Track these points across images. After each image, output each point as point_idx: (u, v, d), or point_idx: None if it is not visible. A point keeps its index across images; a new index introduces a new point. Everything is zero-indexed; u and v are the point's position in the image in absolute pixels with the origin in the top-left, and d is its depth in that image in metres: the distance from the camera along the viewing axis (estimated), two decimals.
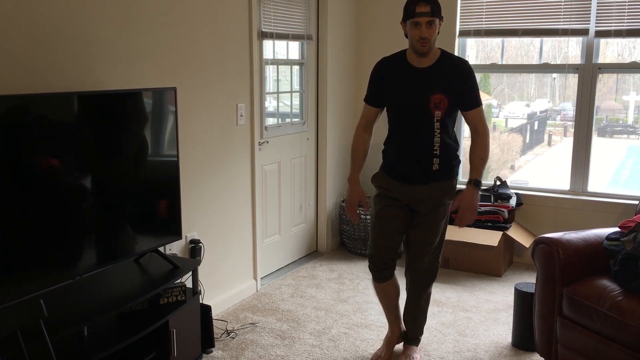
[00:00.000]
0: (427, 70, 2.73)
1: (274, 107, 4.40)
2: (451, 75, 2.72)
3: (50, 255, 2.34)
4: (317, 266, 4.55)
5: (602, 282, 2.76)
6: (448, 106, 2.71)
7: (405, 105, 2.76)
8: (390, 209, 2.89)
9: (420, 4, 2.60)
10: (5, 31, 2.35)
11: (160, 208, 2.91)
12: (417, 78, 2.73)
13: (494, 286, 4.15)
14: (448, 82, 2.71)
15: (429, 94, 2.70)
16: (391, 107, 2.84)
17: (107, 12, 2.79)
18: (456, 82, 2.72)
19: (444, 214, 2.89)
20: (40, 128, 2.28)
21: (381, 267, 2.95)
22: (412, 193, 2.85)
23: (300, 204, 4.66)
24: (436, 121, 2.72)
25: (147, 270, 2.87)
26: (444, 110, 2.71)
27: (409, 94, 2.74)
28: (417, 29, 2.62)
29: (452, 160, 2.84)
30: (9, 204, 2.15)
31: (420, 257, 2.92)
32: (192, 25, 3.31)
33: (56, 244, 2.36)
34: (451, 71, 2.73)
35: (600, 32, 4.25)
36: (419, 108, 2.72)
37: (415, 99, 2.72)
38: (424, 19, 2.61)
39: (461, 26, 4.68)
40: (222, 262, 3.71)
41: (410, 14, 2.63)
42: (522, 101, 5.41)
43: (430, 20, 2.62)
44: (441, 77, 2.71)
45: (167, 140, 2.90)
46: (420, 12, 2.60)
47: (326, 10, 4.55)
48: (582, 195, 4.46)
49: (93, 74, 2.74)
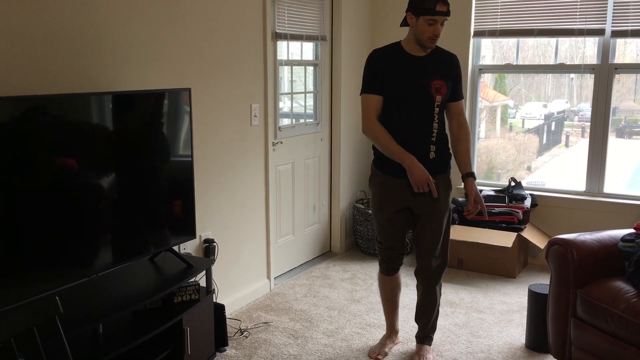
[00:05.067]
0: (426, 58, 2.80)
1: (288, 107, 4.42)
2: (447, 64, 2.84)
3: (67, 254, 2.38)
4: (330, 266, 4.56)
5: (617, 283, 2.73)
6: (446, 92, 2.80)
7: (409, 92, 2.78)
8: (394, 216, 2.93)
9: (439, 3, 2.64)
10: (21, 33, 2.39)
11: (175, 207, 2.94)
12: (418, 65, 2.79)
13: (508, 287, 4.13)
14: (446, 69, 2.82)
15: (429, 80, 2.76)
16: (391, 95, 2.79)
17: (123, 14, 2.83)
18: (451, 72, 2.84)
19: (445, 208, 2.91)
20: (57, 128, 2.31)
21: (392, 260, 3.05)
22: (411, 189, 2.79)
23: (314, 204, 4.67)
24: (436, 106, 2.79)
25: (161, 268, 2.90)
26: (444, 96, 2.79)
27: (411, 80, 2.78)
28: (432, 26, 2.68)
29: (446, 150, 2.90)
30: (28, 203, 2.19)
31: (429, 254, 2.96)
32: (206, 26, 3.33)
33: (73, 242, 2.39)
34: (446, 61, 2.85)
35: (617, 32, 4.21)
36: (421, 93, 2.77)
37: (417, 84, 2.77)
38: (441, 18, 2.67)
39: (476, 26, 4.67)
40: (235, 261, 3.73)
41: (428, 11, 2.65)
42: (539, 102, 5.37)
43: (445, 19, 2.70)
44: (439, 65, 2.81)
45: (182, 141, 2.93)
46: (440, 11, 2.65)
47: (340, 11, 4.56)
48: (598, 197, 4.42)
49: (109, 75, 2.78)
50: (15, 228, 2.16)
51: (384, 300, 3.21)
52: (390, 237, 3.00)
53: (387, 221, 2.95)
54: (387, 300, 3.19)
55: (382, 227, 2.99)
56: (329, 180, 4.85)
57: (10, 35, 2.35)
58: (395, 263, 3.07)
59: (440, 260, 2.99)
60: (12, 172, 2.13)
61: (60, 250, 2.34)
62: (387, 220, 2.95)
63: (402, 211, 2.92)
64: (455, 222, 4.56)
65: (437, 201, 2.85)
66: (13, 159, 2.13)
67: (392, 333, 3.25)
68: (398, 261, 3.08)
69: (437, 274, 3.02)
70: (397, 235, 2.98)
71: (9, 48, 2.35)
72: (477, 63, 4.79)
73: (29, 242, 2.21)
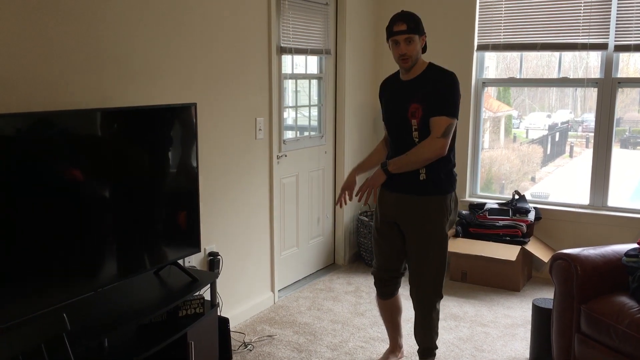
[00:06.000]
0: (410, 82, 2.81)
1: (293, 119, 4.44)
2: (430, 86, 2.73)
3: (73, 267, 2.40)
4: (334, 279, 4.57)
5: (621, 299, 2.74)
6: (422, 115, 2.70)
7: (391, 116, 2.87)
8: (384, 228, 2.94)
9: (397, 23, 2.69)
10: (27, 49, 2.42)
11: (180, 221, 2.96)
12: (400, 89, 2.83)
13: (512, 301, 4.12)
14: (425, 91, 2.72)
15: (407, 104, 2.76)
16: (384, 120, 2.95)
17: (128, 29, 2.86)
18: (431, 92, 2.71)
19: (435, 232, 2.79)
20: (64, 143, 2.34)
21: (383, 283, 3.02)
22: (400, 204, 2.82)
23: (318, 216, 4.69)
24: (414, 130, 2.74)
25: (166, 282, 2.91)
26: (419, 119, 2.71)
27: (393, 105, 2.85)
28: (397, 47, 2.71)
29: (440, 174, 2.77)
30: (33, 217, 2.21)
31: (419, 277, 2.86)
32: (212, 41, 3.37)
33: (78, 256, 2.41)
34: (430, 82, 2.74)
35: (620, 47, 4.23)
36: (399, 118, 2.79)
37: (397, 109, 2.81)
38: (401, 36, 2.68)
39: (479, 40, 4.70)
40: (240, 274, 3.75)
41: (389, 33, 2.73)
42: (543, 112, 5.39)
43: (408, 37, 2.68)
44: (421, 87, 2.75)
45: (187, 155, 2.95)
46: (397, 31, 2.68)
47: (344, 25, 4.60)
48: (602, 210, 4.43)
49: (115, 90, 2.81)
50: (21, 240, 2.18)
51: (383, 321, 3.20)
52: (381, 253, 2.98)
53: (377, 231, 2.97)
54: (387, 321, 3.18)
55: (375, 241, 3.01)
56: (333, 193, 4.87)
57: (17, 50, 2.38)
58: (388, 287, 3.01)
59: (430, 290, 2.84)
60: (19, 187, 2.15)
61: (66, 264, 2.36)
62: (377, 229, 2.97)
63: (392, 225, 2.90)
64: (459, 235, 4.57)
65: (423, 221, 2.79)
66: (20, 173, 2.15)
67: (395, 348, 3.25)
68: (391, 285, 3.00)
69: (426, 305, 2.87)
70: (387, 251, 2.95)
71: (15, 63, 2.38)
72: (481, 76, 4.81)
73: (34, 255, 2.23)
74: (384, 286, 3.02)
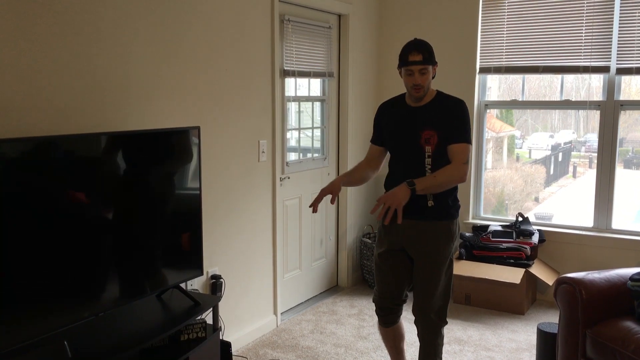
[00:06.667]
0: (420, 109, 2.80)
1: (296, 140, 4.45)
2: (443, 113, 2.76)
3: (73, 292, 2.39)
4: (337, 301, 4.54)
5: (626, 323, 2.72)
6: (438, 142, 2.73)
7: (399, 142, 2.85)
8: (388, 254, 2.88)
9: (412, 53, 2.68)
10: (29, 74, 2.45)
11: (183, 245, 2.95)
12: (411, 116, 2.82)
13: (516, 324, 4.09)
14: (439, 119, 2.75)
15: (420, 130, 2.75)
16: (388, 145, 2.93)
17: (131, 53, 2.89)
18: (446, 119, 2.75)
19: (443, 259, 2.79)
20: (68, 166, 2.34)
21: (385, 312, 2.94)
22: (407, 231, 2.79)
23: (320, 238, 4.68)
24: (427, 157, 2.74)
25: (168, 306, 2.90)
26: (434, 146, 2.73)
27: (402, 131, 2.83)
28: (411, 76, 2.71)
29: (448, 200, 2.78)
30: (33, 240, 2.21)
31: (422, 306, 2.83)
32: (215, 64, 3.39)
33: (79, 280, 2.40)
34: (443, 109, 2.77)
35: (622, 70, 4.25)
36: (410, 144, 2.78)
37: (408, 135, 2.79)
38: (416, 67, 2.68)
39: (481, 63, 4.72)
40: (242, 297, 3.73)
41: (403, 62, 2.72)
42: (545, 132, 5.40)
43: (423, 68, 2.68)
44: (433, 114, 2.76)
45: (190, 178, 2.96)
46: (412, 61, 2.68)
47: (347, 48, 4.64)
48: (606, 233, 4.41)
49: (118, 114, 2.83)
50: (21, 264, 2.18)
51: (387, 347, 3.12)
52: (383, 281, 2.91)
53: (381, 258, 2.90)
54: (390, 347, 3.10)
55: (378, 267, 2.93)
56: (336, 215, 4.86)
57: (19, 76, 2.40)
58: (389, 316, 2.95)
59: (437, 316, 2.82)
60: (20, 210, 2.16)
61: (67, 288, 2.35)
62: (380, 255, 2.90)
63: (398, 252, 2.86)
64: (463, 257, 4.55)
65: (431, 246, 2.77)
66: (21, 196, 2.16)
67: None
68: (393, 314, 2.96)
69: (432, 331, 2.84)
70: (391, 279, 2.88)
71: (17, 89, 2.40)
72: (483, 99, 4.83)
73: (34, 279, 2.23)
74: (387, 315, 2.95)
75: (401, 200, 2.58)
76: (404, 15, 4.95)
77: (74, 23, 2.58)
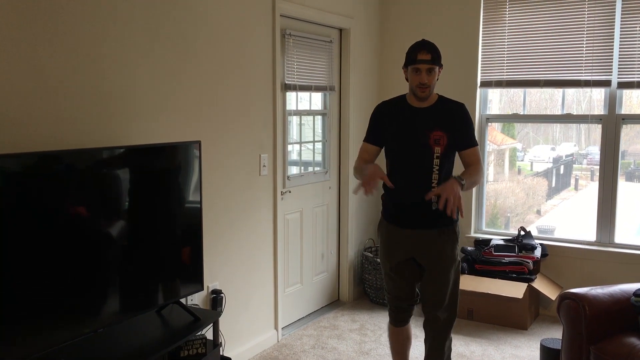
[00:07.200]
0: (426, 110, 2.84)
1: (297, 152, 4.45)
2: (449, 115, 2.84)
3: (72, 307, 2.37)
4: (338, 316, 4.51)
5: (630, 340, 2.69)
6: (447, 143, 2.79)
7: (406, 143, 2.84)
8: (400, 266, 2.92)
9: (421, 52, 2.74)
10: (32, 89, 2.45)
11: (183, 259, 2.93)
12: (417, 116, 2.84)
13: (519, 340, 4.05)
14: (447, 121, 2.82)
15: (428, 131, 2.78)
16: (392, 146, 2.90)
17: (132, 67, 2.89)
18: (454, 121, 2.83)
19: (451, 260, 2.87)
20: (70, 180, 2.34)
21: (401, 309, 3.02)
22: (415, 240, 2.85)
23: (322, 252, 4.66)
24: (435, 157, 2.78)
25: (168, 321, 2.87)
26: (444, 147, 2.78)
27: (409, 131, 2.83)
28: (418, 75, 2.75)
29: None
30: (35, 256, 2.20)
31: (436, 306, 2.91)
32: (216, 78, 3.40)
33: (79, 295, 2.38)
34: (449, 111, 2.85)
35: (623, 84, 4.25)
36: (419, 144, 2.80)
37: (416, 135, 2.81)
38: (424, 66, 2.73)
39: (482, 77, 4.73)
40: (243, 312, 3.70)
41: (411, 60, 2.75)
42: (547, 145, 5.39)
43: (430, 67, 2.74)
44: (440, 116, 2.83)
45: (191, 192, 2.95)
46: (421, 60, 2.73)
47: (349, 62, 4.65)
48: (609, 247, 4.38)
49: (120, 128, 2.83)
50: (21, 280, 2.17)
51: (393, 354, 3.16)
52: (396, 287, 2.98)
53: (393, 270, 2.95)
54: (397, 353, 3.13)
55: (389, 277, 2.99)
56: (337, 229, 4.85)
57: (22, 91, 2.40)
58: (403, 314, 3.04)
59: (448, 313, 2.94)
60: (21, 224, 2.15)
61: (66, 303, 2.34)
62: (393, 269, 2.95)
63: (408, 261, 2.91)
64: (465, 271, 4.52)
65: (441, 253, 2.84)
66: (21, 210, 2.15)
67: None
68: (407, 312, 3.04)
69: (445, 328, 2.96)
70: (403, 285, 2.96)
71: (19, 104, 2.40)
72: (484, 112, 4.83)
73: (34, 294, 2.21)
74: (400, 313, 3.02)
75: (458, 193, 2.59)
76: (404, 30, 4.96)
77: (79, 41, 2.59)
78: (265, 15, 3.74)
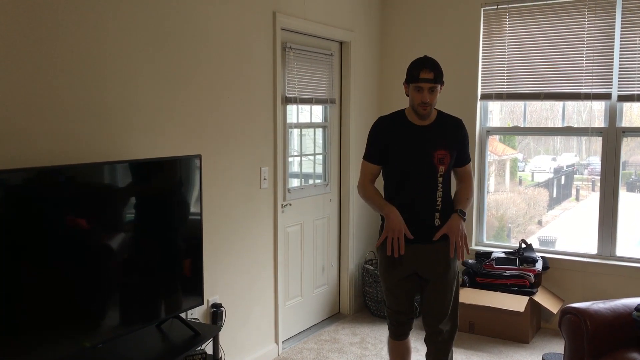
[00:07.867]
0: (428, 128, 2.85)
1: (298, 164, 4.45)
2: (451, 133, 2.87)
3: (71, 322, 2.36)
4: (339, 329, 4.49)
5: (632, 355, 2.67)
6: (450, 162, 2.83)
7: (412, 163, 2.84)
8: (403, 282, 2.91)
9: (424, 70, 2.73)
10: (32, 104, 2.45)
11: (184, 273, 2.93)
12: (420, 135, 2.84)
13: (521, 353, 4.03)
14: (449, 139, 2.85)
15: (432, 150, 2.80)
16: (395, 164, 2.88)
17: (133, 81, 2.90)
18: (456, 140, 2.87)
19: (453, 273, 2.89)
20: (70, 194, 2.34)
21: (401, 323, 3.01)
22: (418, 255, 2.84)
23: (322, 265, 4.64)
24: (439, 176, 2.81)
25: (167, 336, 2.86)
26: (447, 165, 2.82)
27: (414, 151, 2.83)
28: (420, 93, 2.75)
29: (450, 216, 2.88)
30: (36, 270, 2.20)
31: (438, 319, 2.91)
32: (217, 91, 3.41)
33: (78, 310, 2.38)
34: (450, 129, 2.88)
35: (623, 97, 4.25)
36: (423, 164, 2.81)
37: (420, 155, 2.81)
38: (426, 84, 2.73)
39: (483, 89, 4.73)
40: (243, 325, 3.69)
41: (414, 78, 2.75)
42: (548, 155, 5.38)
43: (433, 86, 2.74)
44: (442, 134, 2.85)
45: (192, 206, 2.95)
46: (423, 78, 2.72)
47: (349, 75, 4.66)
48: (610, 260, 4.37)
49: (121, 142, 2.83)
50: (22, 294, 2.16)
51: None
52: (397, 302, 2.97)
53: (395, 285, 2.94)
54: None
55: (390, 292, 2.98)
56: (338, 241, 4.84)
57: (22, 106, 2.41)
58: (404, 327, 3.03)
59: (450, 324, 2.94)
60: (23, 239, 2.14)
61: (65, 318, 2.33)
62: (395, 285, 2.94)
63: (410, 276, 2.91)
64: (466, 284, 4.51)
65: (443, 266, 2.85)
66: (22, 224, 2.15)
67: None
68: (407, 326, 3.03)
69: (447, 340, 2.95)
70: (404, 299, 2.96)
71: (20, 118, 2.40)
72: (485, 125, 4.83)
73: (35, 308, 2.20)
74: (401, 326, 3.01)
75: (464, 232, 2.82)
76: (405, 43, 4.98)
77: (79, 55, 2.60)
78: (266, 29, 3.75)
